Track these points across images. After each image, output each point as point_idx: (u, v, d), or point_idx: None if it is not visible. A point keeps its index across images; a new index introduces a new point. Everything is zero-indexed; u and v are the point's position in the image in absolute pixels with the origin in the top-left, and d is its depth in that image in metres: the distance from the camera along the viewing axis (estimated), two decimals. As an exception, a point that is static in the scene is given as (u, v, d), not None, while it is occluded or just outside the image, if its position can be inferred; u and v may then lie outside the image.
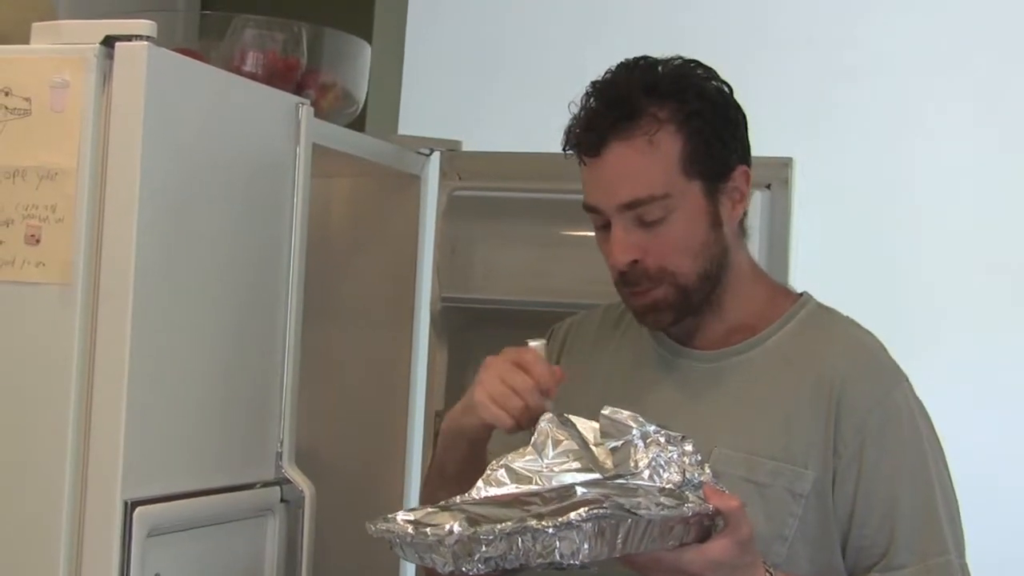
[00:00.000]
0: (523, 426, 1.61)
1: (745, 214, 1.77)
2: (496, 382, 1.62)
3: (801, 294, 1.81)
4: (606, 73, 1.70)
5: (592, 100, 1.69)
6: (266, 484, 1.96)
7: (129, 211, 1.70)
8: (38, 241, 1.71)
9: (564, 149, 1.72)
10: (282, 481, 1.98)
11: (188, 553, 1.82)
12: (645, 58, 1.71)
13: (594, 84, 1.70)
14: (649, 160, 1.65)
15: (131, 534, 1.67)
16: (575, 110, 1.70)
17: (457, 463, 1.71)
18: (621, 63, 1.71)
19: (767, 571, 1.55)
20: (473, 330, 2.48)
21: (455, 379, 2.49)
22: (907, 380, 1.72)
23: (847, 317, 1.78)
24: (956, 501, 1.69)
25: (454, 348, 2.50)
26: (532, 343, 1.66)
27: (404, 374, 2.50)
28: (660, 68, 1.69)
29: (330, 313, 2.43)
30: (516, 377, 1.61)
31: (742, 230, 1.78)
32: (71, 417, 1.69)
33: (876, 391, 1.68)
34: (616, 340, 1.84)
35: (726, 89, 1.72)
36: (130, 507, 1.68)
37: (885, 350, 1.74)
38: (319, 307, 2.23)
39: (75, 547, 1.68)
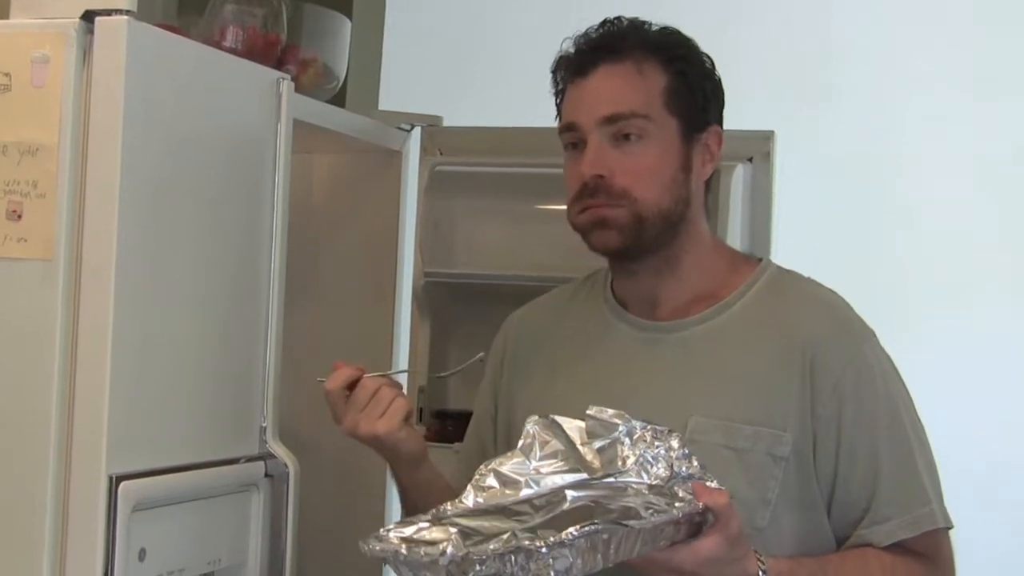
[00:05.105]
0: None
1: (709, 188, 1.79)
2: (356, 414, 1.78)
3: (760, 260, 1.81)
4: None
5: (585, 33, 1.75)
6: (250, 459, 1.96)
7: (111, 186, 1.69)
8: (20, 217, 1.71)
9: (553, 71, 1.76)
10: (266, 456, 1.98)
11: (173, 527, 1.82)
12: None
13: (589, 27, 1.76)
14: (634, 84, 1.70)
15: (116, 509, 1.67)
16: (568, 44, 1.75)
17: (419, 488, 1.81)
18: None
19: (759, 561, 1.55)
20: (456, 305, 2.48)
21: (438, 354, 2.49)
22: (874, 334, 1.73)
23: (808, 278, 1.79)
24: (930, 449, 1.71)
25: (437, 323, 2.50)
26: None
27: (387, 349, 2.50)
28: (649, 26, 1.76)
29: (313, 289, 2.43)
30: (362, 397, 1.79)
31: (707, 202, 1.79)
32: (55, 392, 1.69)
33: (848, 349, 1.69)
34: (572, 320, 1.84)
35: (708, 57, 1.77)
36: (115, 482, 1.68)
37: (851, 307, 1.75)
38: (301, 283, 2.23)
39: (60, 522, 1.69)
